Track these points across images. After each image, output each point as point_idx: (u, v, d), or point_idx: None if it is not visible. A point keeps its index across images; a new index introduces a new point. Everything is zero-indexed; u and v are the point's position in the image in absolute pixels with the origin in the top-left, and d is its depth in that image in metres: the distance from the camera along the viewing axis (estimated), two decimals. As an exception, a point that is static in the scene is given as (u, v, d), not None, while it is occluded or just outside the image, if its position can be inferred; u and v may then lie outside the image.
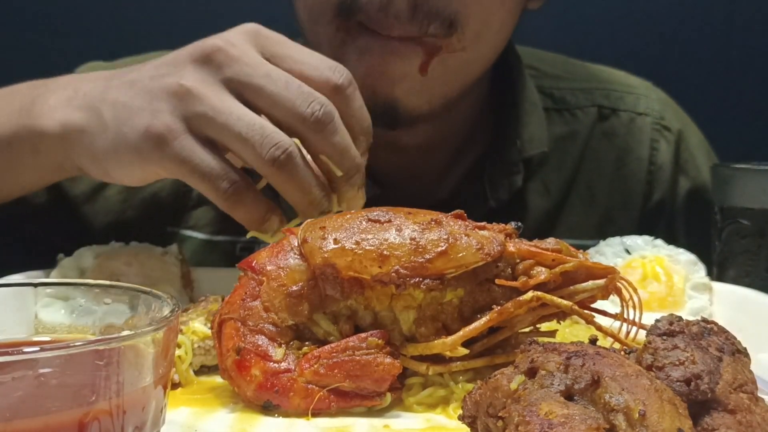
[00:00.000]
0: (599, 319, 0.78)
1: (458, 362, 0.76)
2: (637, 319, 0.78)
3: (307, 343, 0.76)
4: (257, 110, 0.86)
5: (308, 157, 0.89)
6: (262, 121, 0.85)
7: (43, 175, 1.03)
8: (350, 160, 0.88)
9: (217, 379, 0.80)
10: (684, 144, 1.41)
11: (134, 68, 0.94)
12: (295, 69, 0.88)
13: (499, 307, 0.76)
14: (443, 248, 0.74)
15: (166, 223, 1.30)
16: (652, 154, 1.39)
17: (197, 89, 0.86)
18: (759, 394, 0.55)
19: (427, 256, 0.74)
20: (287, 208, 0.91)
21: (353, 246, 0.74)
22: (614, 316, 0.79)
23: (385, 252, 0.74)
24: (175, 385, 0.79)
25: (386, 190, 1.27)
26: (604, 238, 1.28)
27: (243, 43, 0.88)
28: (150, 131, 0.86)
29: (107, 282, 0.65)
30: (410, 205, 1.29)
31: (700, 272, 1.01)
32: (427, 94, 1.11)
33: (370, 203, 1.22)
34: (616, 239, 1.07)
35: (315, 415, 0.73)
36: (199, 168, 0.85)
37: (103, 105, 0.91)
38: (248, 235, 0.91)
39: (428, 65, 1.06)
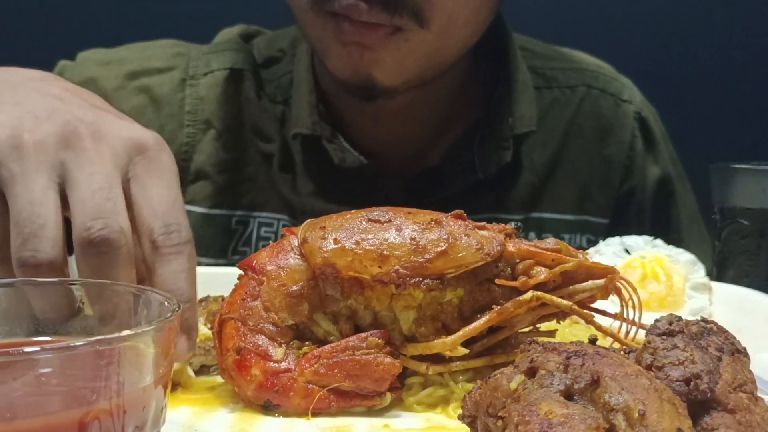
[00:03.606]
0: (599, 319, 0.78)
1: (458, 362, 0.76)
2: (636, 319, 0.78)
3: (307, 342, 0.76)
4: None
5: None
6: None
7: None
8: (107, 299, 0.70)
9: (218, 379, 0.80)
10: (654, 137, 1.51)
11: None
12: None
13: (498, 307, 0.76)
14: (443, 248, 0.74)
15: None
16: (632, 140, 1.47)
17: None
18: (758, 394, 0.56)
19: (427, 256, 0.74)
20: None
21: (353, 246, 0.74)
22: (614, 316, 0.79)
23: (385, 252, 0.74)
24: (174, 386, 0.79)
25: (374, 159, 1.32)
26: (583, 213, 1.39)
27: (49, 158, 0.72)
28: None
29: (108, 281, 0.65)
30: (398, 173, 1.33)
31: (699, 272, 1.01)
32: (402, 75, 1.18)
33: (356, 172, 1.26)
34: (616, 239, 1.07)
35: (315, 414, 0.73)
36: None
37: None
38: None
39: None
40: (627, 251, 1.05)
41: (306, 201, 1.34)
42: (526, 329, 0.80)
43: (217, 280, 0.99)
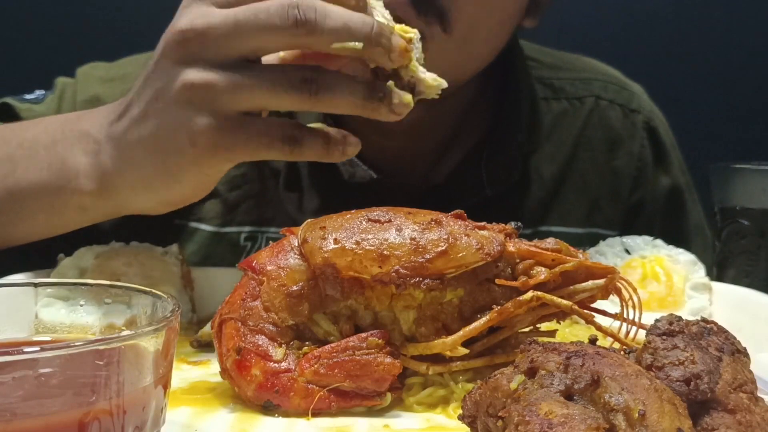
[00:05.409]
0: (599, 319, 0.78)
1: (458, 362, 0.76)
2: (636, 319, 0.78)
3: (307, 343, 0.76)
4: (257, 54, 0.86)
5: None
6: (273, 67, 0.85)
7: (92, 220, 1.01)
8: (359, 28, 0.83)
9: (217, 379, 0.80)
10: (664, 147, 1.48)
11: (125, 101, 0.91)
12: None
13: (499, 307, 0.76)
14: (443, 248, 0.74)
15: (174, 215, 1.31)
16: (641, 151, 1.44)
17: (200, 82, 0.84)
18: (759, 394, 0.56)
19: (427, 256, 0.74)
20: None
21: (353, 246, 0.74)
22: (614, 316, 0.79)
23: (385, 252, 0.74)
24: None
25: (382, 174, 1.30)
26: (592, 226, 1.35)
27: (198, 8, 0.85)
28: (197, 145, 0.85)
29: (107, 282, 0.65)
30: (406, 189, 1.32)
31: (699, 272, 1.01)
32: None
33: (363, 188, 1.25)
34: (616, 239, 1.07)
35: (315, 415, 0.73)
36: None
37: (134, 150, 0.89)
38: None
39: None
40: (627, 251, 1.05)
41: (311, 218, 1.32)
42: (526, 329, 0.80)
43: (217, 280, 1.00)
